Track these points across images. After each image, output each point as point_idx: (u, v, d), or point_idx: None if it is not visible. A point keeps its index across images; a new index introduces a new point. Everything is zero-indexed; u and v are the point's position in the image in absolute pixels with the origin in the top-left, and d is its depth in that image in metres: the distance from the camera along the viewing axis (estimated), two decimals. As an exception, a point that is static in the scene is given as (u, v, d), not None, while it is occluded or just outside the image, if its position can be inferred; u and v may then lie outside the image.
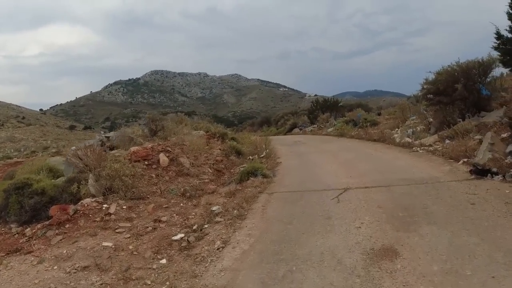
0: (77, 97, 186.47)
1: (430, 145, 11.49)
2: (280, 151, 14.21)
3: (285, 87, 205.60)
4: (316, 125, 27.41)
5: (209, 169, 9.64)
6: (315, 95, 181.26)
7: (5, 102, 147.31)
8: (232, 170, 10.70)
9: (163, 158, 8.75)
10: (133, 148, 9.18)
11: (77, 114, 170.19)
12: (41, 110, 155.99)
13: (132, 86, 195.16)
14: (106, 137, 14.50)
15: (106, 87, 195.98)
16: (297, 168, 9.82)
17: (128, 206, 6.53)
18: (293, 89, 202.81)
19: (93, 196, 6.84)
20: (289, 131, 29.40)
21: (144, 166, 8.48)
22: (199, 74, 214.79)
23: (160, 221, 6.05)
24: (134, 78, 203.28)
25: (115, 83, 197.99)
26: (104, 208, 6.38)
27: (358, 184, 6.96)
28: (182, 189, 7.60)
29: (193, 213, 6.44)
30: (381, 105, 40.47)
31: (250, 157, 13.15)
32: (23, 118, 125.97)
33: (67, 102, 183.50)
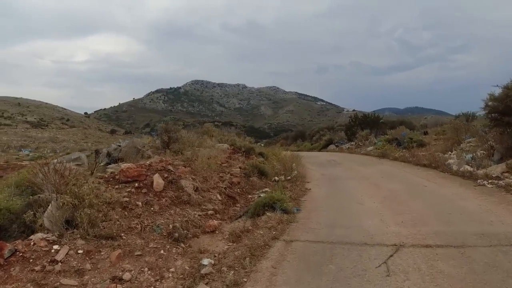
0: (120, 103, 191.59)
1: (499, 177, 9.06)
2: (311, 172, 12.09)
3: (322, 101, 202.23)
4: (354, 143, 24.96)
5: (218, 196, 7.66)
6: (353, 110, 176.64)
7: (51, 104, 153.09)
8: (250, 196, 8.70)
9: (157, 180, 6.86)
10: (124, 165, 7.37)
11: (119, 119, 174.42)
12: (85, 113, 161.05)
13: (172, 95, 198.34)
14: (118, 145, 12.95)
15: (148, 94, 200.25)
16: (328, 200, 7.65)
17: (87, 250, 4.65)
18: (330, 104, 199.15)
19: (48, 230, 5.03)
20: (324, 147, 27.09)
21: (133, 190, 6.63)
22: (238, 85, 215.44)
23: (120, 280, 4.12)
24: (175, 87, 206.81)
25: (157, 91, 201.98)
26: (53, 250, 4.54)
27: (414, 239, 4.76)
28: (171, 225, 5.67)
29: (173, 268, 4.47)
30: (425, 123, 37.32)
31: (276, 178, 11.15)
32: (68, 120, 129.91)
33: (111, 107, 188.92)
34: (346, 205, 6.88)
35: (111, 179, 7.10)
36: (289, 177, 11.01)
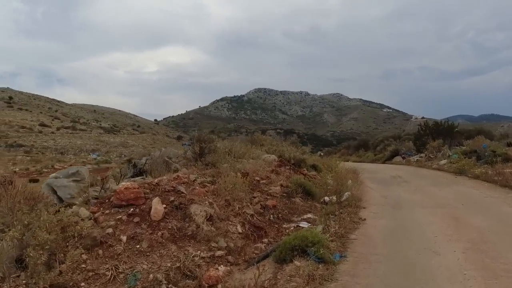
0: (187, 110, 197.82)
1: None
2: (370, 193, 9.87)
3: (388, 107, 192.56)
4: (424, 155, 21.89)
5: (238, 227, 5.86)
6: (423, 117, 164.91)
7: (124, 111, 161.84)
8: (285, 226, 6.80)
9: (156, 206, 5.23)
10: (124, 184, 5.83)
11: (185, 126, 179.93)
12: (155, 120, 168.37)
13: (236, 103, 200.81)
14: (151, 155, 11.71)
15: (213, 102, 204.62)
16: (388, 242, 5.49)
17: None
18: (397, 110, 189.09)
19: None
20: (389, 159, 24.23)
21: (124, 218, 5.05)
22: (300, 92, 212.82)
23: None
24: (239, 95, 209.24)
25: (222, 99, 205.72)
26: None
27: None
28: (151, 275, 3.96)
29: None
30: (505, 131, 32.67)
31: (326, 198, 9.14)
32: (138, 126, 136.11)
33: (178, 114, 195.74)
34: (414, 255, 4.70)
35: (106, 201, 5.61)
36: (342, 199, 8.93)
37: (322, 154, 49.83)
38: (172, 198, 5.71)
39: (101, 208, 5.41)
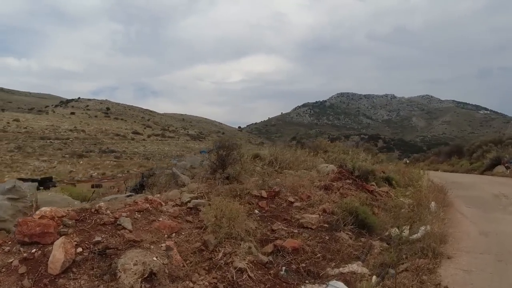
0: (269, 117, 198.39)
1: None
2: (461, 225, 6.66)
3: (486, 109, 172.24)
4: (537, 163, 17.13)
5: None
6: None
7: (210, 119, 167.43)
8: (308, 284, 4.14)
9: (56, 252, 2.98)
10: (43, 210, 3.68)
11: (268, 132, 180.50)
12: (239, 127, 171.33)
13: (318, 108, 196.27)
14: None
15: (295, 108, 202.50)
16: None
17: None
18: (496, 112, 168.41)
19: None
20: (489, 168, 19.55)
21: (15, 263, 2.93)
22: (386, 95, 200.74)
23: None
24: (321, 100, 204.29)
25: (303, 105, 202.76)
26: None
27: None
28: None
29: None
30: None
31: (394, 231, 6.28)
32: (223, 133, 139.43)
33: (261, 121, 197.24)
34: None
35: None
36: (415, 235, 5.95)
37: (407, 161, 44.44)
38: (98, 238, 3.43)
39: (4, 243, 3.36)
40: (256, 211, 6.33)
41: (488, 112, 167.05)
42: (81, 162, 56.75)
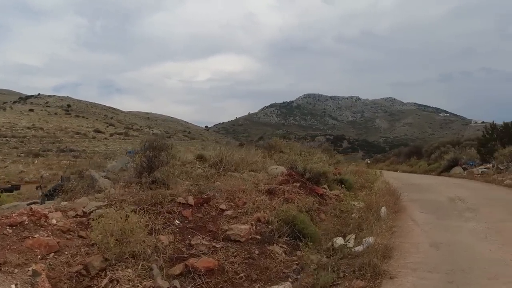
0: (237, 117, 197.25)
1: None
2: (411, 235, 5.95)
3: (446, 112, 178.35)
4: (491, 165, 17.07)
5: None
6: (482, 122, 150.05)
7: (176, 118, 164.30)
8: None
9: None
10: None
11: (235, 132, 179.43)
12: (206, 127, 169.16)
13: (285, 109, 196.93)
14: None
15: (263, 109, 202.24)
16: None
17: None
18: (455, 115, 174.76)
19: None
20: (446, 169, 19.46)
21: None
22: (351, 97, 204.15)
23: None
24: (288, 101, 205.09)
25: (271, 105, 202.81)
26: None
27: None
28: None
29: None
30: None
31: (339, 240, 5.57)
32: (189, 132, 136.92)
33: (228, 121, 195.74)
34: None
35: None
36: (359, 247, 5.21)
37: (369, 161, 44.73)
38: None
39: None
40: (177, 222, 5.39)
41: (448, 114, 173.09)
42: (36, 161, 53.57)
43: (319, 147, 19.92)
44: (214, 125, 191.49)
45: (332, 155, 17.93)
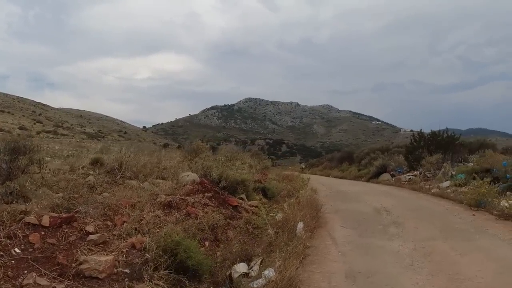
0: (177, 118, 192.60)
1: None
2: (325, 256, 4.89)
3: (378, 120, 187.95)
4: (418, 172, 17.05)
5: None
6: (411, 130, 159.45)
7: (112, 117, 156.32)
8: None
9: None
10: None
11: (175, 133, 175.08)
12: (144, 127, 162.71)
13: (226, 112, 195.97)
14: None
15: (203, 111, 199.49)
16: None
17: None
18: (386, 123, 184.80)
19: None
20: (375, 176, 19.30)
21: None
22: (291, 103, 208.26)
23: None
24: (229, 104, 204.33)
25: (212, 107, 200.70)
26: None
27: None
28: None
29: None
30: (508, 146, 28.09)
31: (239, 269, 4.34)
32: (125, 133, 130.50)
33: (168, 122, 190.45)
34: None
35: None
36: (258, 281, 4.02)
37: (303, 166, 44.78)
38: None
39: None
40: (16, 250, 3.86)
41: (380, 122, 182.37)
42: None
43: (249, 151, 18.87)
44: (152, 126, 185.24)
45: (261, 160, 16.95)
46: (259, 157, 17.35)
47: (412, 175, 17.04)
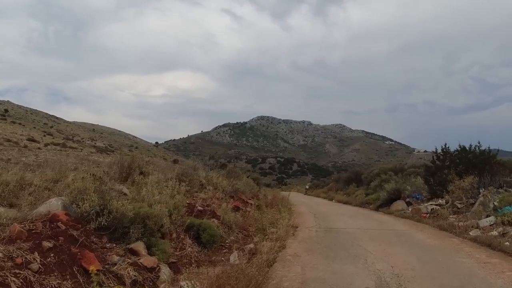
0: (189, 134, 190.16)
1: None
2: None
3: (391, 140, 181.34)
4: (444, 201, 12.61)
5: None
6: (425, 151, 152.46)
7: (124, 132, 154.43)
8: None
9: None
10: None
11: (186, 150, 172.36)
12: (156, 143, 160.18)
13: (239, 129, 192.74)
14: None
15: (216, 128, 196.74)
16: None
17: None
18: (400, 143, 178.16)
19: None
20: (386, 203, 14.84)
21: None
22: (303, 122, 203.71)
23: None
24: (242, 122, 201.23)
25: (224, 125, 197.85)
26: None
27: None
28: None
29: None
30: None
31: None
32: (136, 148, 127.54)
33: (180, 138, 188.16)
34: None
35: None
36: None
37: (307, 187, 40.27)
38: None
39: None
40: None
41: (393, 142, 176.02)
42: None
43: (220, 167, 14.70)
44: (165, 142, 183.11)
45: (237, 179, 12.76)
46: (236, 176, 13.18)
47: (436, 204, 12.59)
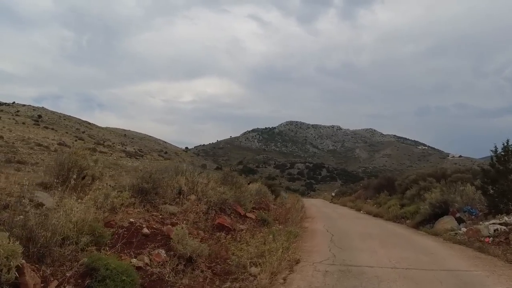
0: (218, 140, 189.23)
1: None
2: None
3: (424, 145, 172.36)
4: (510, 218, 9.06)
5: None
6: (460, 156, 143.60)
7: (154, 137, 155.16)
8: None
9: None
10: None
11: (215, 155, 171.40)
12: (186, 148, 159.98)
13: (267, 134, 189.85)
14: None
15: (244, 133, 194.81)
16: None
17: None
18: (433, 148, 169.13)
19: None
20: (429, 220, 11.32)
21: None
22: (332, 126, 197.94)
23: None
24: (270, 127, 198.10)
25: (253, 130, 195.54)
26: None
27: None
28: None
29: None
30: None
31: None
32: (165, 153, 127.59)
33: (209, 143, 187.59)
34: None
35: None
36: None
37: (334, 194, 36.60)
38: None
39: None
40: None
41: (426, 147, 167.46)
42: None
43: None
44: (194, 147, 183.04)
45: (232, 185, 9.72)
46: (233, 183, 10.13)
47: (499, 223, 9.06)
